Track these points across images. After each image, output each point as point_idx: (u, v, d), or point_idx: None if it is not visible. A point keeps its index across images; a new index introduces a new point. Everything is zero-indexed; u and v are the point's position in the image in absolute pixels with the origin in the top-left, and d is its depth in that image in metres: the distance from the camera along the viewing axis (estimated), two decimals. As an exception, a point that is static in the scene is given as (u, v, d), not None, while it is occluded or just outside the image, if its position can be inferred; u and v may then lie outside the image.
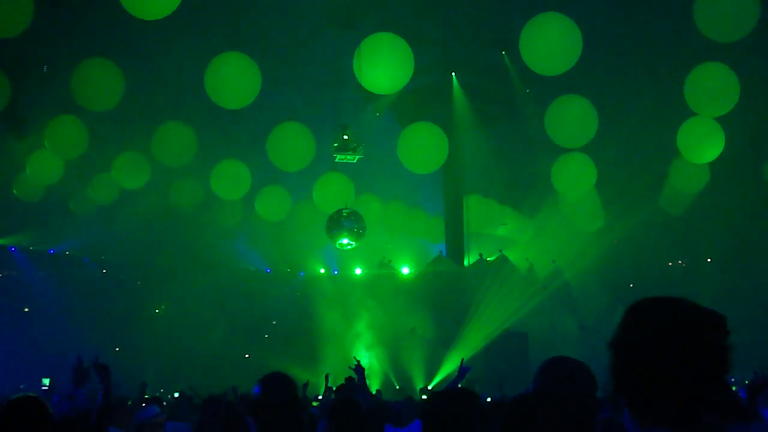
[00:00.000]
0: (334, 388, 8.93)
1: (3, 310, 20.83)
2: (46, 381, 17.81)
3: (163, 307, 23.04)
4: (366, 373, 7.39)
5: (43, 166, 16.68)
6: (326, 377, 10.17)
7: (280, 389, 3.80)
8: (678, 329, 1.96)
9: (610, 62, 16.17)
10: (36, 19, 11.93)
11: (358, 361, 7.26)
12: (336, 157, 18.27)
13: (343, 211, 17.61)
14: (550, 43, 11.75)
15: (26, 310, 21.69)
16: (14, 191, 17.71)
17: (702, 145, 14.27)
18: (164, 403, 10.34)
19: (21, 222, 20.30)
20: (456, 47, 18.31)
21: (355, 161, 18.52)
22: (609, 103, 15.65)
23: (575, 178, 15.11)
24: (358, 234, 17.80)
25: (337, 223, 17.71)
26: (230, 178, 16.48)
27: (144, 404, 8.29)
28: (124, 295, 21.81)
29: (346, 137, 18.19)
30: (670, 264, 22.32)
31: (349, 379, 8.27)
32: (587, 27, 12.19)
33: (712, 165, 15.64)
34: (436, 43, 17.73)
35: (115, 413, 5.95)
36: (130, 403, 8.29)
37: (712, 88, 13.10)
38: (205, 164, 16.81)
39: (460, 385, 11.10)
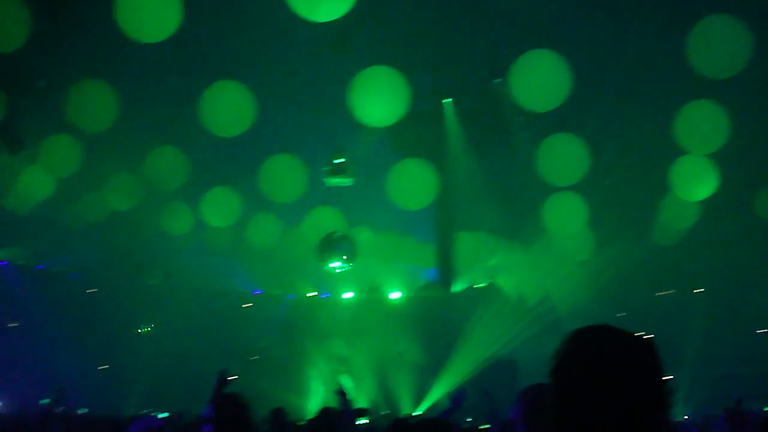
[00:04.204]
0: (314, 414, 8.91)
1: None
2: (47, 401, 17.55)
3: (152, 325, 22.90)
4: (352, 396, 7.45)
5: (35, 182, 16.67)
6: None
7: (232, 410, 3.84)
8: (616, 362, 1.92)
9: (601, 98, 16.21)
10: (33, 34, 11.93)
11: (341, 385, 7.34)
12: (328, 180, 17.74)
13: (334, 234, 17.54)
14: (538, 81, 11.80)
15: (10, 325, 21.48)
16: (6, 206, 17.63)
17: (694, 183, 14.29)
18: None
19: (8, 237, 20.16)
20: (450, 73, 18.27)
21: (336, 184, 17.87)
22: (600, 138, 15.68)
23: (566, 217, 15.13)
24: (349, 257, 17.69)
25: (327, 245, 17.63)
26: (220, 206, 16.48)
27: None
28: (111, 314, 21.62)
29: (342, 160, 17.77)
30: (658, 294, 22.31)
31: (325, 410, 8.15)
32: (579, 63, 12.24)
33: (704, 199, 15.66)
34: (430, 68, 17.67)
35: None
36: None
37: (702, 126, 13.13)
38: (196, 190, 16.79)
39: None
